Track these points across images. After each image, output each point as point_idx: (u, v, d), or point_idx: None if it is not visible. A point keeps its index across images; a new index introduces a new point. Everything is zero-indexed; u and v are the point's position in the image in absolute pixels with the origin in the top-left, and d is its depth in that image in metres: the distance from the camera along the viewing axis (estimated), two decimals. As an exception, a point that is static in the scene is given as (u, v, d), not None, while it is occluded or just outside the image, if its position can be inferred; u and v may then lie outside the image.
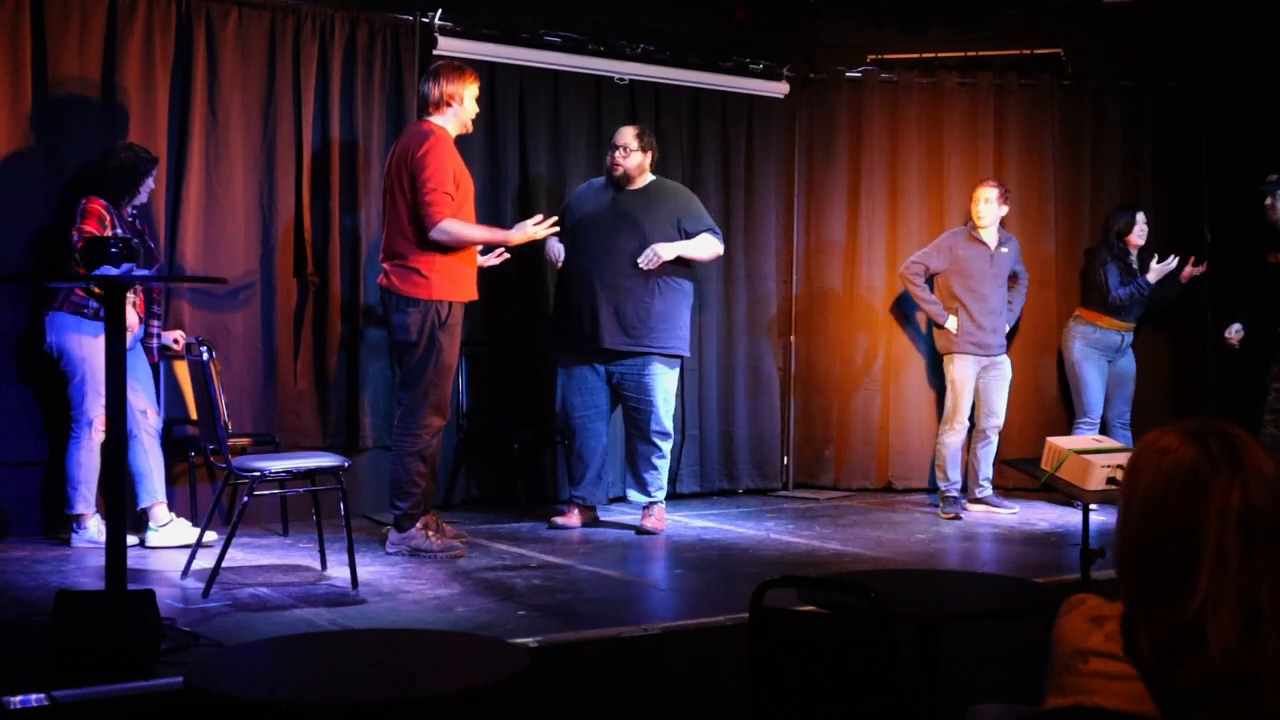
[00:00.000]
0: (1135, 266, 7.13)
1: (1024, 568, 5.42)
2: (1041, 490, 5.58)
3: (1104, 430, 7.11)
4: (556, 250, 6.24)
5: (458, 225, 5.37)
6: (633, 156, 6.22)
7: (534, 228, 5.57)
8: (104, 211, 5.34)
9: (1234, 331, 6.84)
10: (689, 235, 6.24)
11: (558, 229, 5.88)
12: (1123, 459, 4.89)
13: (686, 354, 6.41)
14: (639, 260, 6.07)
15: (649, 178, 6.31)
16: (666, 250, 6.11)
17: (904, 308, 7.61)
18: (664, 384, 6.23)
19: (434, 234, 5.31)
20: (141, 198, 5.58)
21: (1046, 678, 1.78)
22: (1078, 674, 1.73)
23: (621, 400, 6.31)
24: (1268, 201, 6.66)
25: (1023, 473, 5.39)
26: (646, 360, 6.18)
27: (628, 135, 6.27)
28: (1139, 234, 7.14)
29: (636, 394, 6.21)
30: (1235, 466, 1.70)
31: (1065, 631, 1.78)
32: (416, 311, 5.38)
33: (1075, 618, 1.78)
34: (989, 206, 7.00)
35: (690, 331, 6.46)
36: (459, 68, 5.61)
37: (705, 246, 6.28)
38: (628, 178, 6.24)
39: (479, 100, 5.67)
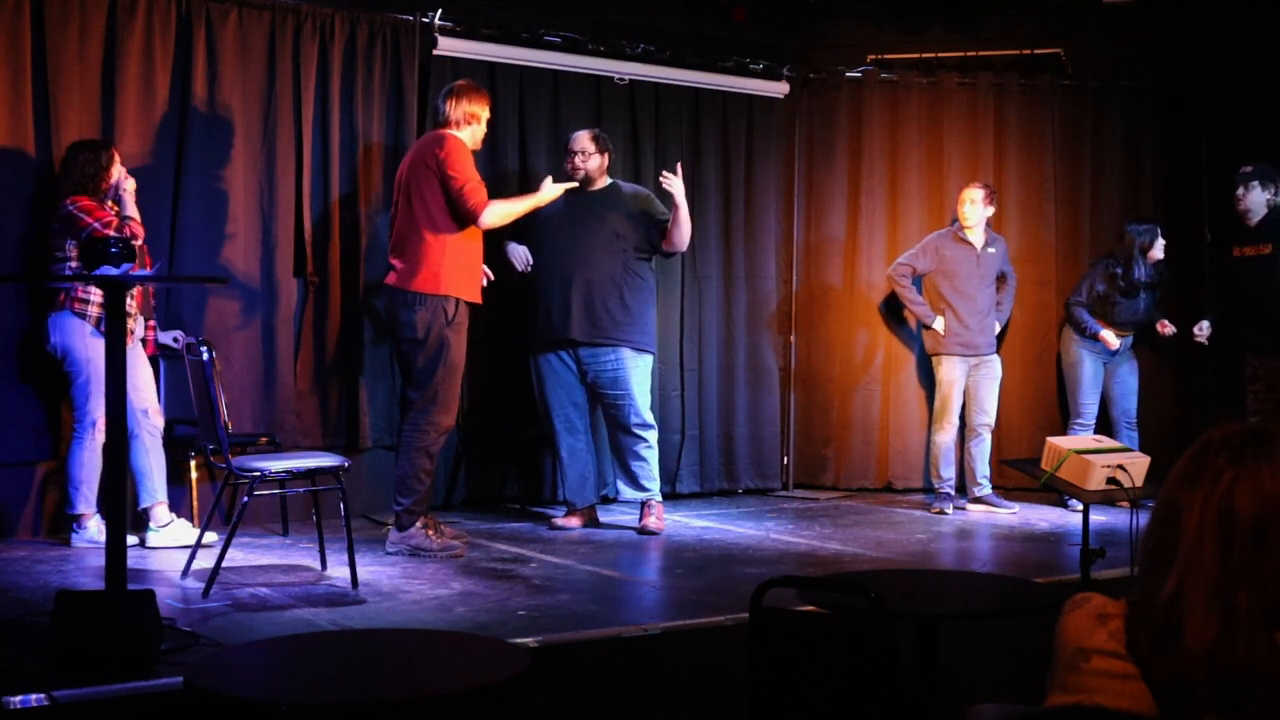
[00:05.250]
0: (1144, 279, 7.08)
1: (1024, 568, 5.41)
2: (1041, 490, 5.58)
3: (1110, 430, 7.10)
4: (521, 255, 6.35)
5: (500, 204, 5.60)
6: (592, 159, 6.29)
7: (554, 185, 5.87)
8: (92, 203, 5.35)
9: (1202, 329, 6.83)
10: (662, 222, 6.28)
11: (576, 184, 6.09)
12: (1123, 459, 4.90)
13: (654, 349, 6.46)
14: (664, 178, 6.13)
15: (607, 180, 6.38)
16: (679, 185, 6.11)
17: (900, 307, 7.61)
18: (637, 376, 6.26)
19: (484, 218, 5.50)
20: (116, 183, 5.51)
21: (1049, 676, 1.78)
22: (1080, 672, 1.73)
23: (599, 398, 6.33)
24: (1239, 192, 6.63)
25: (1023, 473, 5.39)
26: (617, 354, 6.21)
27: (585, 139, 6.33)
28: (1160, 248, 7.11)
29: (612, 389, 6.24)
30: (1234, 462, 1.70)
31: (1068, 629, 1.77)
32: (424, 309, 5.42)
33: (1079, 616, 1.77)
34: (974, 208, 7.05)
35: (657, 327, 6.52)
36: (478, 89, 5.74)
37: (688, 224, 6.27)
38: (589, 179, 6.31)
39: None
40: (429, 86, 6.59)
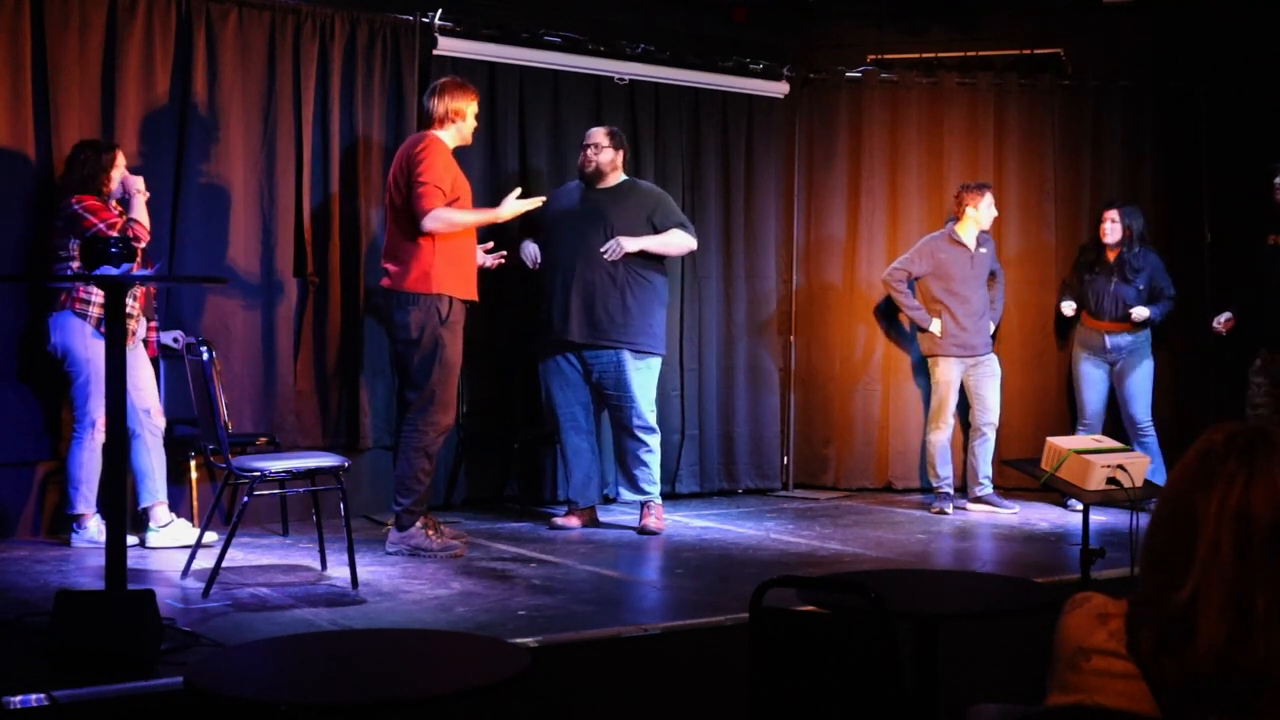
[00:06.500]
0: (1110, 264, 7.10)
1: (1024, 567, 5.41)
2: (1041, 490, 5.58)
3: (1124, 438, 7.02)
4: (531, 252, 6.32)
5: (448, 211, 5.44)
6: (604, 153, 6.25)
7: (517, 201, 5.66)
8: (97, 203, 5.36)
9: (1221, 320, 6.78)
10: (660, 231, 6.26)
11: (542, 200, 5.95)
12: (1123, 459, 4.90)
13: (661, 351, 6.40)
14: (602, 251, 6.10)
15: (621, 176, 6.34)
16: (630, 243, 6.13)
17: (896, 309, 7.60)
18: (640, 379, 6.23)
19: (426, 222, 5.38)
20: (116, 187, 5.52)
21: (1049, 675, 1.78)
22: (1080, 672, 1.73)
23: (603, 399, 6.32)
24: (1277, 181, 6.55)
25: (1023, 473, 5.39)
26: (618, 356, 6.19)
27: (599, 134, 6.33)
28: (1105, 230, 7.12)
29: (615, 390, 6.22)
30: (1245, 464, 1.69)
31: (1069, 629, 1.77)
32: (417, 309, 5.42)
33: (1079, 615, 1.77)
34: (990, 211, 7.08)
35: (666, 329, 6.49)
36: (461, 85, 5.69)
37: (674, 241, 6.30)
38: (599, 174, 6.27)
39: (479, 110, 5.73)
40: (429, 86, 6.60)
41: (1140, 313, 6.99)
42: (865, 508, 7.19)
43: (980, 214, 7.07)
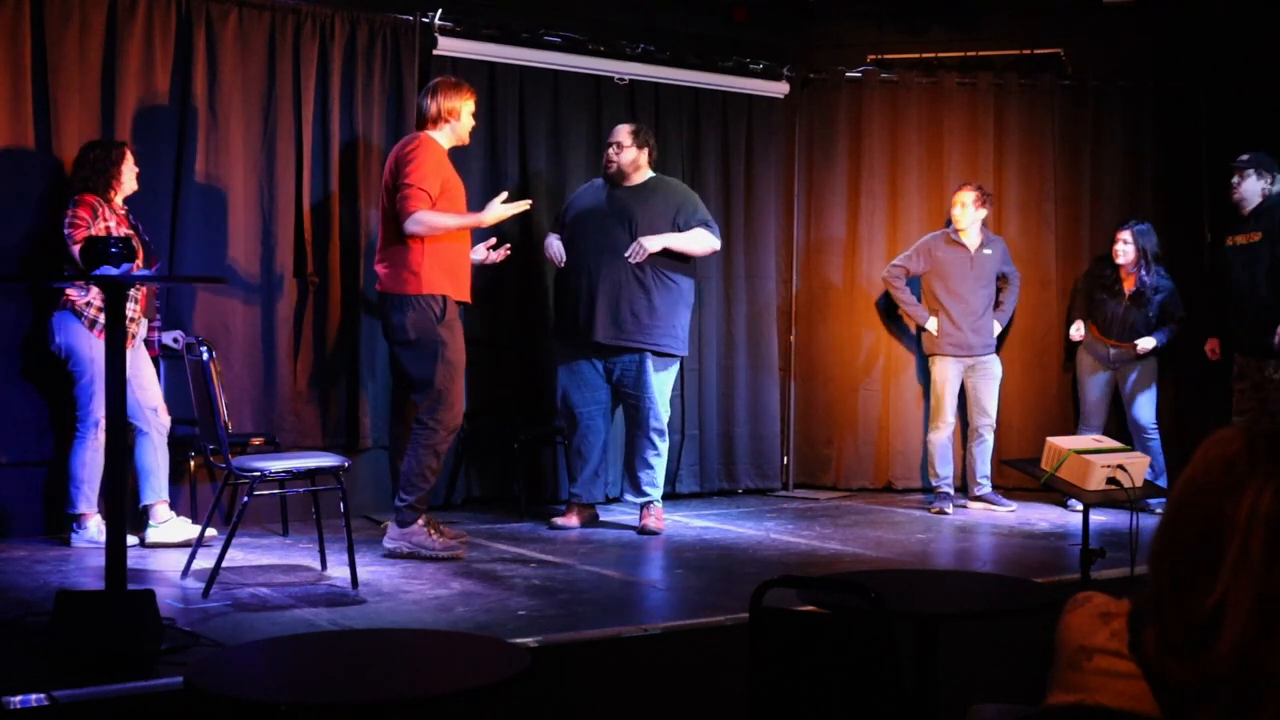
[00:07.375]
0: (1120, 288, 7.09)
1: (1024, 567, 5.42)
2: (1041, 490, 5.58)
3: (1128, 441, 7.00)
4: (557, 250, 6.26)
5: (430, 214, 5.38)
6: (626, 152, 6.21)
7: (502, 205, 5.55)
8: (96, 203, 5.37)
9: (1213, 349, 6.87)
10: (683, 231, 6.22)
11: (529, 204, 5.86)
12: (1123, 459, 4.90)
13: (683, 353, 6.38)
14: (626, 254, 6.07)
15: (647, 174, 6.30)
16: (653, 243, 6.08)
17: (898, 307, 7.60)
18: (659, 381, 6.22)
19: (408, 225, 5.35)
20: (127, 185, 5.55)
21: (1050, 674, 1.78)
22: (1081, 671, 1.73)
23: (621, 398, 6.31)
24: (1234, 180, 6.60)
25: (1023, 473, 5.39)
26: (642, 357, 6.17)
27: (623, 132, 6.28)
28: (1118, 251, 7.10)
29: (635, 390, 6.21)
30: (1274, 469, 1.69)
31: (1070, 628, 1.77)
32: (412, 310, 5.41)
33: (1081, 614, 1.77)
34: (965, 210, 7.09)
35: (689, 331, 6.45)
36: (456, 84, 5.65)
37: (697, 239, 6.24)
38: (622, 173, 6.23)
39: (476, 109, 5.71)
40: (429, 86, 6.60)
41: (1146, 345, 6.97)
42: (865, 508, 7.19)
43: (953, 213, 7.09)
